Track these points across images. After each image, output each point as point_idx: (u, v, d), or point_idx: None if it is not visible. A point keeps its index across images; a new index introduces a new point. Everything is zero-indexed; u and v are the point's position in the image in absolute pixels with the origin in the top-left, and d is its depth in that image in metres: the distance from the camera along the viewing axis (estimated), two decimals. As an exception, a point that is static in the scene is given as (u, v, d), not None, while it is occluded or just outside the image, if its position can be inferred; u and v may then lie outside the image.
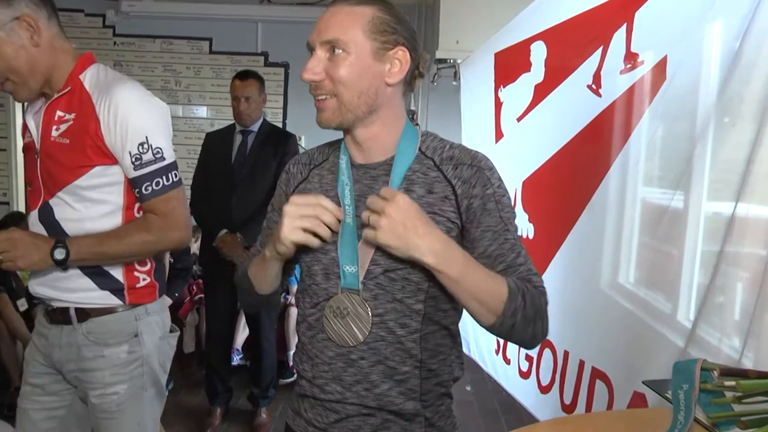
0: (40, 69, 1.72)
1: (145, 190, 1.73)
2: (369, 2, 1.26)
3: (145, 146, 1.70)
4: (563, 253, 2.58)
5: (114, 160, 1.72)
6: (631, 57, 2.12)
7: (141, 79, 5.74)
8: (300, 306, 1.39)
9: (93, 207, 1.75)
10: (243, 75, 3.66)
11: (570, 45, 2.52)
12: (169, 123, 1.81)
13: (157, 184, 1.73)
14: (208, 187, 3.65)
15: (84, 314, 1.79)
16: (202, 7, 5.45)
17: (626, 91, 2.17)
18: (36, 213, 1.79)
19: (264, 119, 3.76)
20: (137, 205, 1.78)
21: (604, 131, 2.31)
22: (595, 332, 2.32)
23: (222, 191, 3.60)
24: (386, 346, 1.27)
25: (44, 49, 1.71)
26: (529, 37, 2.85)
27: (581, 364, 2.38)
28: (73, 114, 1.73)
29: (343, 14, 1.24)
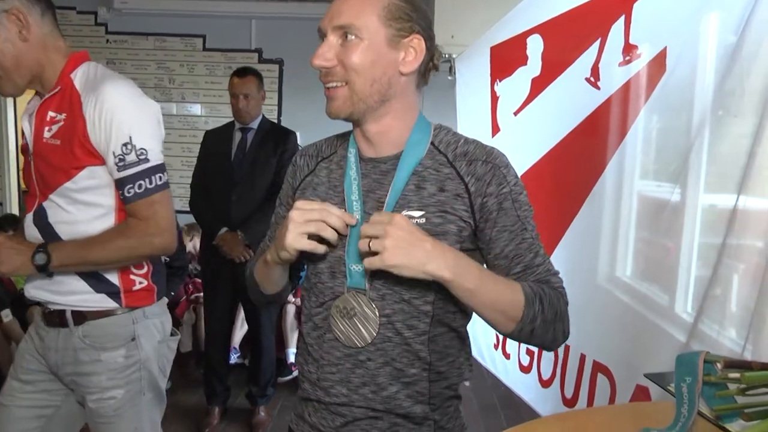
0: (27, 64, 1.69)
1: (128, 193, 1.68)
2: None
3: (129, 147, 1.66)
4: (563, 248, 2.57)
5: (102, 161, 1.68)
6: (630, 49, 2.11)
7: (134, 77, 5.69)
8: (305, 305, 1.35)
9: (85, 210, 1.72)
10: (241, 72, 3.64)
11: (567, 38, 2.51)
12: (159, 124, 1.76)
13: (140, 187, 1.68)
14: (208, 185, 3.63)
15: (80, 317, 1.76)
16: (196, 4, 5.43)
17: (625, 84, 2.15)
18: (31, 216, 1.77)
19: (263, 116, 3.75)
20: None
21: (603, 124, 2.29)
22: (596, 326, 2.31)
23: (221, 189, 3.59)
24: (393, 348, 1.24)
25: (33, 45, 1.68)
26: (526, 31, 2.83)
27: (582, 358, 2.37)
28: (64, 114, 1.70)
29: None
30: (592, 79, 2.32)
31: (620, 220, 2.28)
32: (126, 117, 1.66)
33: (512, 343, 3.17)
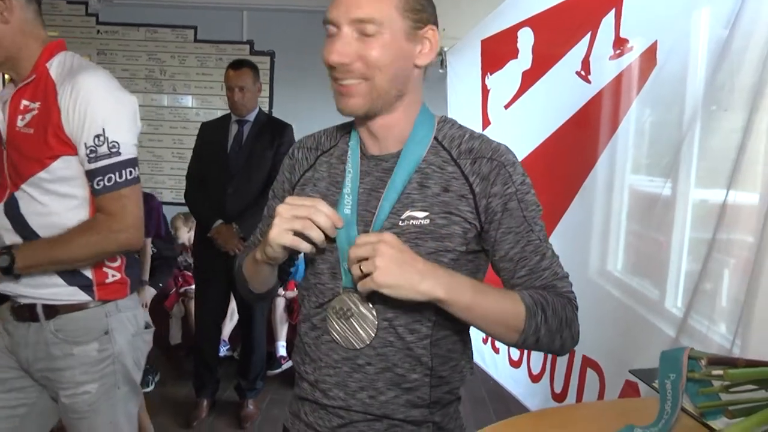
0: (4, 44, 1.66)
1: (97, 185, 1.65)
2: None
3: (101, 138, 1.64)
4: (553, 242, 2.54)
5: (76, 151, 1.66)
6: (621, 43, 2.10)
7: (125, 68, 5.78)
8: (304, 305, 1.31)
9: (58, 200, 1.69)
10: (236, 65, 3.62)
11: (558, 31, 2.50)
12: (135, 117, 1.73)
13: (109, 180, 1.65)
14: (204, 177, 3.62)
15: (52, 311, 1.73)
16: (187, -5, 5.40)
17: (615, 78, 2.15)
18: (2, 206, 1.73)
19: (260, 109, 3.73)
20: None
21: (594, 118, 2.29)
22: (586, 320, 2.30)
23: (217, 181, 3.58)
24: (395, 353, 1.20)
25: (13, 29, 1.66)
26: (516, 24, 2.82)
27: (572, 353, 2.37)
28: (38, 103, 1.68)
29: None
30: (583, 73, 2.31)
31: (611, 214, 2.28)
32: (100, 108, 1.64)
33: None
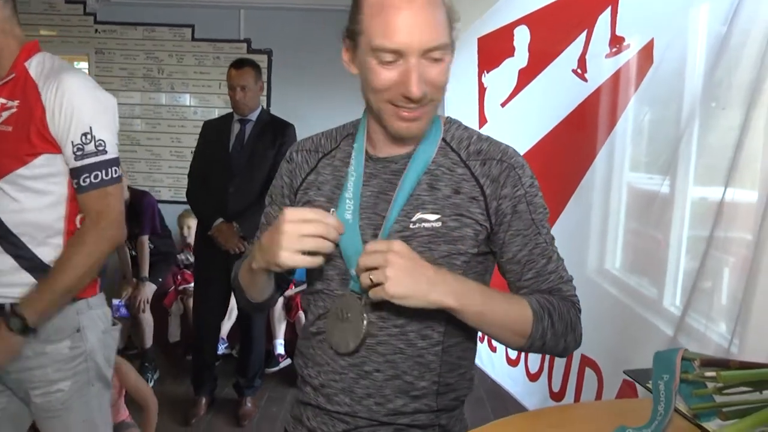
0: None
1: (83, 182, 1.66)
2: None
3: (89, 137, 1.65)
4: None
5: (59, 150, 1.66)
6: (617, 41, 2.10)
7: (123, 67, 5.77)
8: (310, 310, 1.28)
9: (35, 198, 1.68)
10: (238, 64, 3.61)
11: (554, 29, 2.49)
12: (116, 117, 1.75)
13: (96, 177, 1.67)
14: (206, 176, 3.61)
15: None
16: (184, -6, 5.38)
17: (612, 76, 2.14)
18: None
19: (263, 108, 3.72)
20: None
21: (591, 116, 2.28)
22: (585, 319, 2.30)
23: (219, 180, 3.57)
24: (405, 360, 1.18)
25: None
26: (513, 22, 2.82)
27: (569, 352, 2.36)
28: (17, 101, 1.67)
29: (432, 7, 1.06)
30: (579, 71, 2.30)
31: (609, 212, 2.27)
32: (86, 107, 1.65)
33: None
